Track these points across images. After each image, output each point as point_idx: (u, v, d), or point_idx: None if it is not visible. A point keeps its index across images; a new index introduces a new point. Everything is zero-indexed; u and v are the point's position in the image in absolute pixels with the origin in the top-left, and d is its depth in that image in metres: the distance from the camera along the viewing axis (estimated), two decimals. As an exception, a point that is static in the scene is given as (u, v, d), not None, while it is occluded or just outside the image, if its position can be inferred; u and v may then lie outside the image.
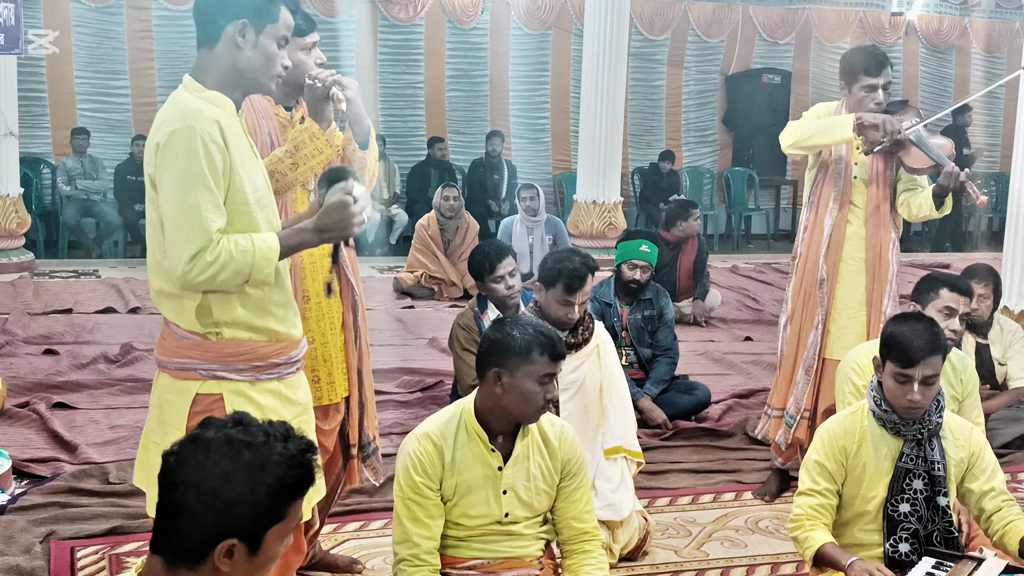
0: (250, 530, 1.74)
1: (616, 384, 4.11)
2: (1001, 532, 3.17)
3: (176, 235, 2.51)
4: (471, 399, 3.06)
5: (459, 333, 4.91)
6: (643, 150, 13.66)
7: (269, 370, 2.68)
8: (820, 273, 4.48)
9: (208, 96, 2.61)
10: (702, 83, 14.04)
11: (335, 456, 3.58)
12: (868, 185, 4.45)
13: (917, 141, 4.34)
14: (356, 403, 3.54)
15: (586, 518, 3.13)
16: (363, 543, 4.09)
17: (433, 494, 2.98)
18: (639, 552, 4.01)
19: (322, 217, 2.63)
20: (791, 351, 4.60)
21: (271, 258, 2.58)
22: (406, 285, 9.16)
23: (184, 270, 2.50)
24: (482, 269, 4.77)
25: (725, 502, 4.66)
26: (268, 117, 3.34)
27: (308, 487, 1.80)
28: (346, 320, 3.49)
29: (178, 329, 2.63)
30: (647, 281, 5.88)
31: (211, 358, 2.61)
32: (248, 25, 2.60)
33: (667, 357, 5.85)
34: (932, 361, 3.11)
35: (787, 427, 4.57)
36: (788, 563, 4.01)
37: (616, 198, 11.08)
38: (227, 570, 1.73)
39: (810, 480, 3.23)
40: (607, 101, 10.74)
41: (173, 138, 2.52)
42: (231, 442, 1.74)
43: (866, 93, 4.37)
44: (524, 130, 13.21)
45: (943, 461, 3.22)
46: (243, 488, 1.72)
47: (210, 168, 2.52)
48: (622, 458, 4.06)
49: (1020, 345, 5.45)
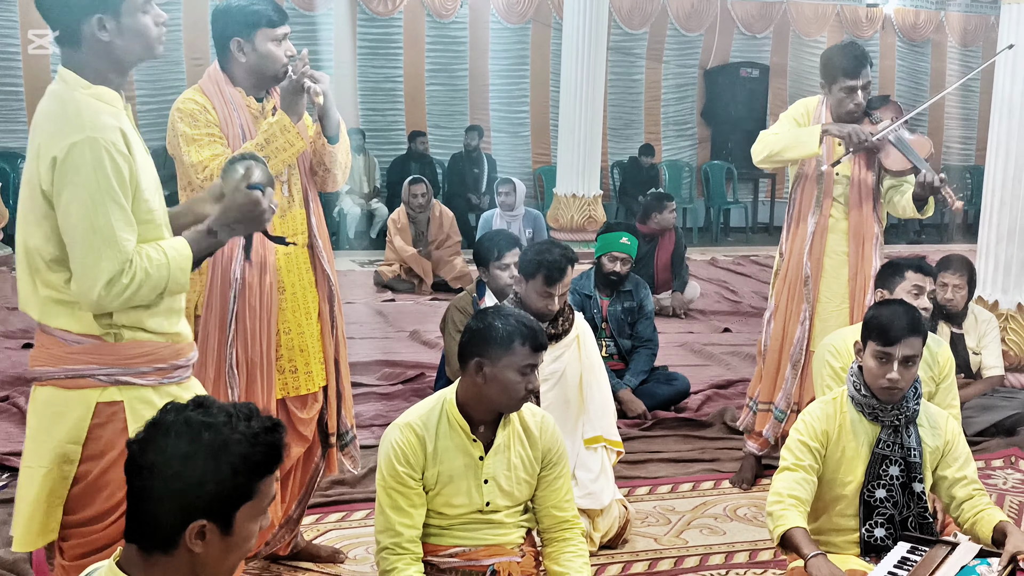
0: (219, 510, 1.74)
1: (596, 374, 4.14)
2: (972, 520, 3.21)
3: (87, 258, 2.33)
4: (452, 389, 3.09)
5: (455, 316, 4.94)
6: (622, 144, 13.71)
7: (170, 372, 2.52)
8: (804, 270, 4.52)
9: (96, 92, 2.40)
10: (681, 77, 14.09)
11: (314, 445, 3.60)
12: (851, 182, 4.50)
13: (895, 142, 4.38)
14: (334, 392, 3.56)
15: (566, 507, 3.17)
16: (345, 533, 4.11)
17: (415, 483, 3.01)
18: (619, 540, 4.05)
19: (227, 211, 2.52)
20: (776, 345, 4.64)
21: (186, 267, 2.46)
22: (386, 278, 9.17)
23: (100, 294, 2.34)
24: (489, 255, 4.80)
25: (704, 490, 4.71)
26: (240, 108, 3.30)
27: (276, 465, 1.80)
28: (322, 311, 3.50)
29: (68, 335, 2.42)
30: (627, 273, 5.92)
31: (111, 361, 2.43)
32: (104, 17, 2.38)
33: (647, 348, 5.90)
34: (912, 341, 3.17)
35: (776, 421, 4.61)
36: (766, 550, 4.06)
37: (596, 191, 11.11)
38: (201, 551, 1.74)
39: (793, 457, 3.25)
40: (586, 95, 10.77)
41: (74, 152, 2.31)
42: (190, 424, 1.74)
43: (845, 94, 4.41)
44: (504, 124, 13.23)
45: (919, 448, 3.26)
46: (206, 469, 1.72)
47: (119, 182, 2.34)
48: (602, 447, 4.09)
49: (994, 335, 5.52)
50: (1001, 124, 5.74)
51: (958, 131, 15.18)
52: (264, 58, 3.27)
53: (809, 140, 4.37)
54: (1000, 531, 3.11)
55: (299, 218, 3.42)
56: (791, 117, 4.59)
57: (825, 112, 4.52)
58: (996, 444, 5.34)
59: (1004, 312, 5.81)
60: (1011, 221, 5.75)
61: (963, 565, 3.01)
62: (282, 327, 3.39)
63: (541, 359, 3.05)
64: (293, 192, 3.40)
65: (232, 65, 3.30)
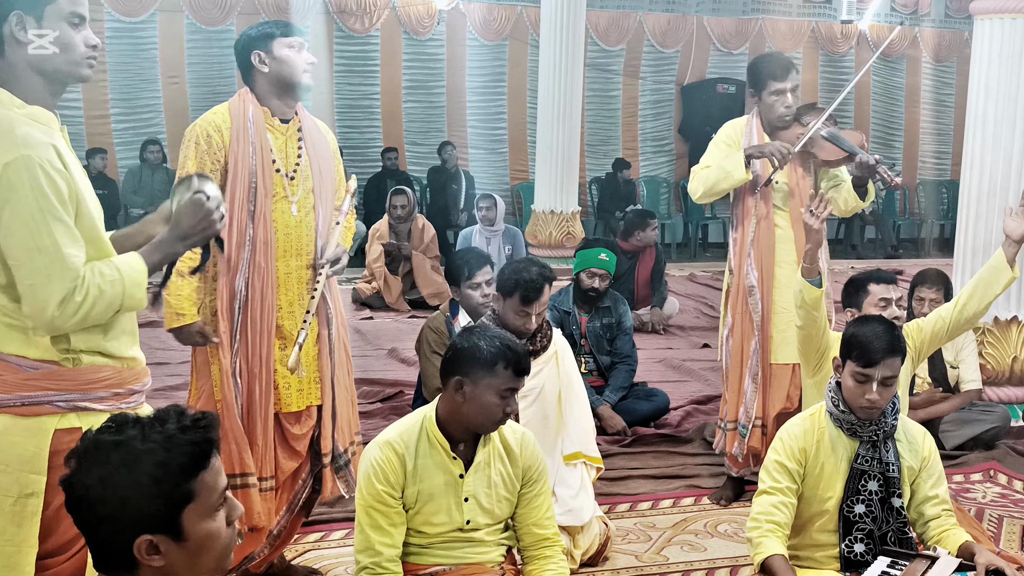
0: (160, 521, 1.69)
1: (575, 390, 4.12)
2: (937, 538, 3.22)
3: (35, 279, 2.27)
4: (432, 407, 3.07)
5: (429, 336, 4.92)
6: (600, 160, 13.75)
7: (127, 397, 2.48)
8: (748, 280, 4.54)
9: (31, 112, 2.33)
10: (658, 93, 14.16)
11: (304, 463, 3.61)
12: (790, 196, 4.53)
13: (829, 137, 4.46)
14: (328, 412, 3.58)
15: (547, 524, 3.15)
16: (324, 553, 4.07)
17: (395, 502, 2.98)
18: (600, 557, 4.03)
19: (178, 223, 2.48)
20: (736, 362, 4.64)
21: (141, 281, 2.41)
22: (364, 295, 9.14)
23: (54, 315, 2.28)
24: (460, 274, 4.78)
25: (684, 507, 4.69)
26: (258, 127, 3.43)
27: (205, 460, 1.73)
28: (320, 334, 3.55)
29: (23, 360, 2.35)
30: (606, 289, 5.92)
31: (69, 387, 2.37)
32: (23, 16, 2.31)
33: (626, 364, 5.88)
34: (891, 362, 3.16)
35: (741, 438, 4.60)
36: (746, 566, 4.04)
37: (574, 207, 11.13)
38: (163, 563, 1.70)
39: (771, 479, 3.25)
40: (564, 111, 10.80)
41: (8, 172, 2.24)
42: (100, 447, 1.70)
43: (776, 98, 4.49)
44: (481, 140, 13.24)
45: (898, 463, 3.26)
46: (124, 486, 1.67)
47: (58, 199, 2.27)
48: (582, 464, 4.08)
49: (971, 348, 5.54)
50: (975, 138, 5.78)
51: (933, 146, 15.30)
52: (283, 63, 3.44)
53: (735, 168, 4.46)
54: (967, 550, 3.11)
55: (305, 238, 3.49)
56: (719, 143, 4.66)
57: (756, 128, 4.57)
58: (975, 458, 5.35)
59: (981, 326, 5.83)
60: (986, 235, 5.78)
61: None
62: (278, 344, 3.46)
63: (522, 384, 3.03)
64: (301, 212, 3.48)
65: (256, 81, 3.48)
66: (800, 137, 4.44)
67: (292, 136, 3.51)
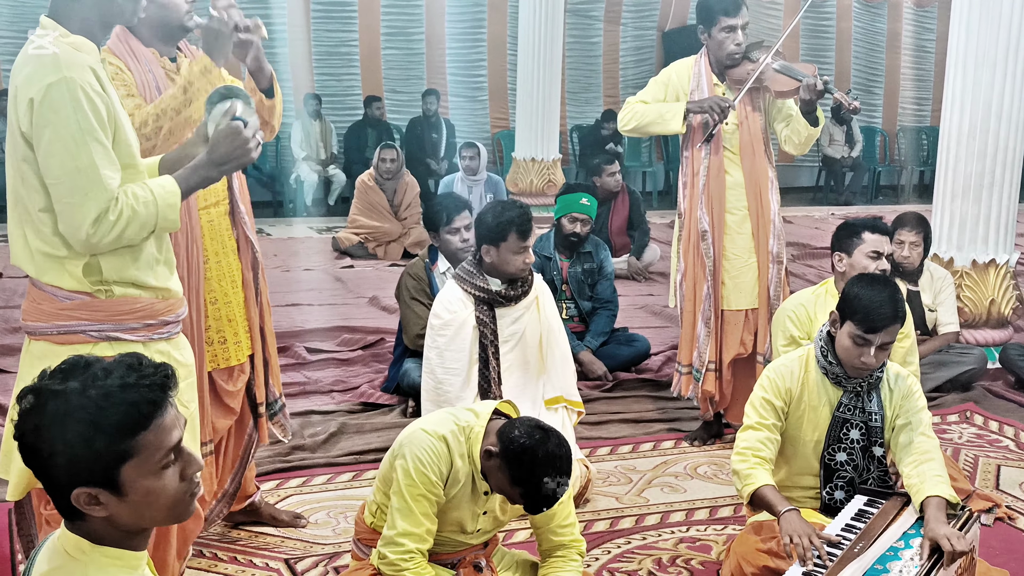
0: (97, 476, 1.60)
1: (556, 335, 4.13)
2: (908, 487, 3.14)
3: (73, 197, 2.38)
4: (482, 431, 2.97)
5: (408, 282, 4.91)
6: (581, 107, 13.67)
7: (160, 328, 2.58)
8: (701, 225, 4.53)
9: (73, 42, 2.43)
10: (639, 39, 14.04)
11: (244, 416, 3.50)
12: (739, 129, 4.52)
13: (781, 69, 4.44)
14: (260, 361, 3.46)
15: (563, 532, 3.08)
16: (306, 498, 4.09)
17: (440, 495, 2.94)
18: (581, 499, 4.05)
19: (215, 148, 2.53)
20: (689, 306, 4.64)
21: (174, 203, 2.49)
22: (345, 245, 9.10)
23: (88, 233, 2.39)
24: (439, 220, 4.76)
25: (664, 450, 4.73)
26: (153, 66, 3.14)
27: (146, 420, 1.61)
28: (246, 278, 3.37)
29: (59, 291, 2.49)
30: (587, 234, 5.91)
31: (102, 317, 2.50)
32: None
33: (607, 310, 5.90)
34: (892, 329, 3.15)
35: (695, 381, 4.62)
36: (726, 506, 4.09)
37: (555, 155, 11.09)
38: (107, 514, 1.63)
39: (756, 415, 3.27)
40: (544, 58, 10.72)
41: (52, 92, 2.36)
42: (40, 394, 1.61)
43: (726, 35, 4.47)
44: (461, 88, 13.13)
45: (881, 412, 3.27)
46: (56, 439, 1.59)
47: (98, 120, 2.38)
48: (563, 408, 4.10)
49: (949, 291, 5.57)
50: (956, 80, 5.77)
51: (913, 92, 15.27)
52: (164, 7, 3.09)
53: (672, 119, 4.47)
54: (924, 507, 3.04)
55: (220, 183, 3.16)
56: (661, 82, 4.64)
57: (704, 68, 4.55)
58: (951, 400, 5.41)
59: (959, 269, 5.86)
60: (966, 178, 5.79)
61: (904, 530, 3.03)
62: (208, 297, 3.26)
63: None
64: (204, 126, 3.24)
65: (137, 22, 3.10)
66: (751, 73, 4.41)
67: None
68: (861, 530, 3.01)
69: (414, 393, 4.73)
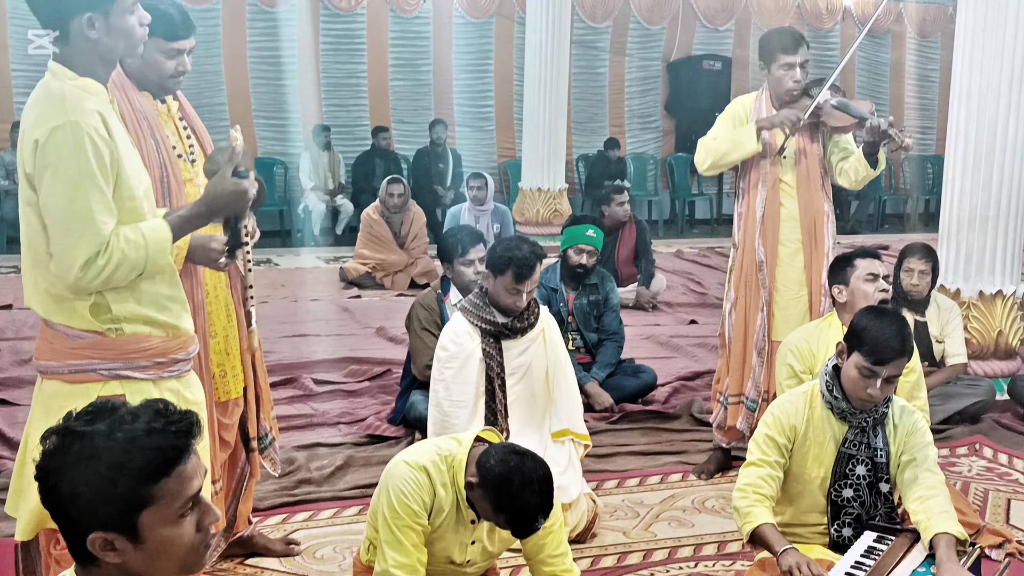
0: (114, 521, 1.60)
1: (563, 368, 4.13)
2: (916, 523, 3.14)
3: (66, 240, 2.42)
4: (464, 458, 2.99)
5: (419, 312, 4.90)
6: (587, 137, 13.72)
7: (170, 366, 2.61)
8: (758, 255, 4.55)
9: (82, 84, 2.48)
10: (644, 70, 14.11)
11: (237, 450, 3.50)
12: (797, 162, 4.54)
13: (838, 106, 4.48)
14: (252, 395, 3.47)
15: (554, 562, 3.08)
16: (312, 532, 4.07)
17: (425, 524, 2.95)
18: (588, 534, 4.04)
19: (214, 199, 2.61)
20: (739, 336, 4.65)
21: (164, 247, 2.52)
22: (352, 275, 9.12)
23: (77, 276, 2.42)
24: (453, 251, 4.77)
25: (672, 483, 4.72)
26: (148, 111, 3.11)
27: (169, 467, 1.62)
28: (237, 312, 3.37)
29: (70, 330, 2.53)
30: (593, 266, 5.92)
31: (112, 356, 2.53)
32: (94, 16, 2.45)
33: (613, 341, 5.90)
34: (899, 362, 3.14)
35: (749, 411, 4.61)
36: (734, 541, 4.07)
37: (561, 185, 11.13)
38: (119, 561, 1.63)
39: (759, 452, 3.26)
40: (550, 89, 10.78)
41: (56, 135, 2.39)
42: (66, 435, 1.61)
43: (784, 71, 4.49)
44: (468, 118, 13.19)
45: (886, 449, 3.25)
46: (78, 482, 1.58)
47: (99, 165, 2.41)
48: (569, 441, 4.09)
49: (956, 323, 5.56)
50: (960, 112, 5.79)
51: (917, 121, 15.30)
52: (147, 63, 3.08)
53: (746, 140, 4.48)
54: (935, 544, 3.02)
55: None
56: (728, 117, 4.66)
57: (765, 103, 4.58)
58: (960, 432, 5.38)
59: (966, 300, 5.86)
60: (971, 209, 5.79)
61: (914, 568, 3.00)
62: (209, 331, 3.26)
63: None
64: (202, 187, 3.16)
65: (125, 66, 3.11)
66: (807, 109, 4.44)
67: (175, 115, 3.23)
68: (871, 567, 2.99)
69: (420, 425, 4.72)
